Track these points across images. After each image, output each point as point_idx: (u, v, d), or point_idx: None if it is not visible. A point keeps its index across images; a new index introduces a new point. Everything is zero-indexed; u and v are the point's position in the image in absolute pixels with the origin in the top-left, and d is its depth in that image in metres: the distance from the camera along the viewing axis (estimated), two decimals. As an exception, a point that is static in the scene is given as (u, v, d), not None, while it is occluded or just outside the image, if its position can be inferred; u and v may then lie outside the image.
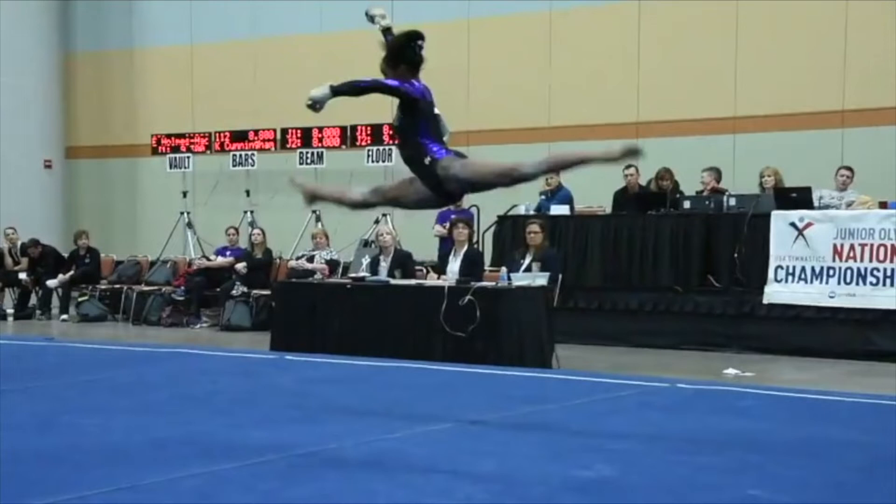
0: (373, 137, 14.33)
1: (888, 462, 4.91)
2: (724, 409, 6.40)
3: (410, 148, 5.38)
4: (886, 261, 9.52)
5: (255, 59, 15.98)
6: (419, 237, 12.67)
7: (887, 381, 8.27)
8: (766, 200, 10.34)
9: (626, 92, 13.39)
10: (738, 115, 12.62)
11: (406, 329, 9.18)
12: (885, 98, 11.76)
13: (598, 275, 11.17)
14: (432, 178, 5.25)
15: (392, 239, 10.36)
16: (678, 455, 5.01)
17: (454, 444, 5.31)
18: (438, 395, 7.10)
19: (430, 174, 5.26)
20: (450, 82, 14.57)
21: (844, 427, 5.77)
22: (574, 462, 4.88)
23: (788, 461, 4.92)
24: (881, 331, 9.52)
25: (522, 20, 14.10)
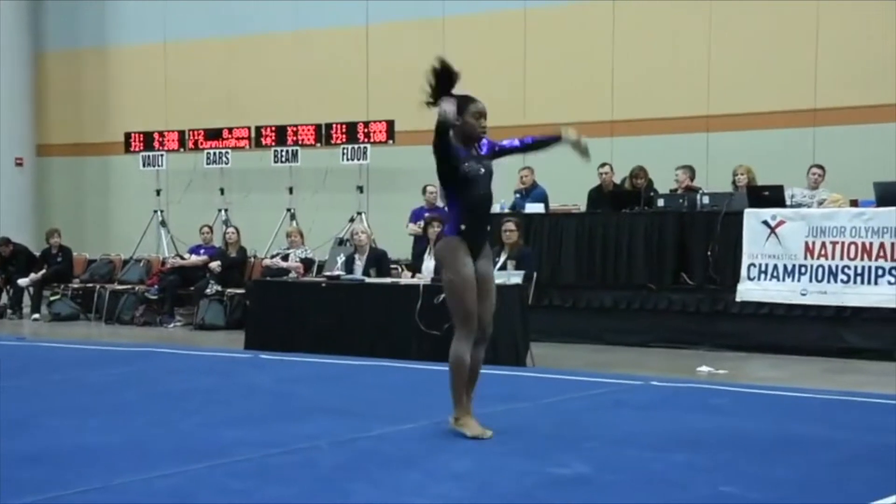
0: (347, 136, 14.29)
1: (860, 459, 4.96)
2: (698, 406, 6.44)
3: None
4: (857, 258, 9.61)
5: (229, 57, 15.91)
6: (394, 236, 12.67)
7: (859, 378, 8.35)
8: (739, 199, 10.41)
9: (600, 90, 13.44)
10: (712, 113, 12.69)
11: (381, 328, 9.18)
12: (856, 97, 11.87)
13: (572, 273, 11.20)
14: None
15: (367, 237, 10.36)
16: (652, 452, 5.04)
17: (429, 443, 5.31)
18: (413, 393, 7.10)
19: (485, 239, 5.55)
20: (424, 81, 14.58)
21: (817, 424, 5.82)
22: (549, 460, 4.89)
23: (761, 458, 4.96)
24: (852, 328, 9.60)
25: (497, 18, 14.12)
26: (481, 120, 5.48)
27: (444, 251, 5.39)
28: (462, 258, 5.29)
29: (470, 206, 5.34)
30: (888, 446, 5.17)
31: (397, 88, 14.75)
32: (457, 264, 5.28)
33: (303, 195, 14.93)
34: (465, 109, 5.46)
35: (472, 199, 5.35)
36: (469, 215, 5.34)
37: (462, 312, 5.33)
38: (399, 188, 14.66)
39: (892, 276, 9.42)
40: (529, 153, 6.15)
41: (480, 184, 5.38)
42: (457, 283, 5.28)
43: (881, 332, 9.48)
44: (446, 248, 5.37)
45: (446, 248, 5.37)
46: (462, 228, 5.32)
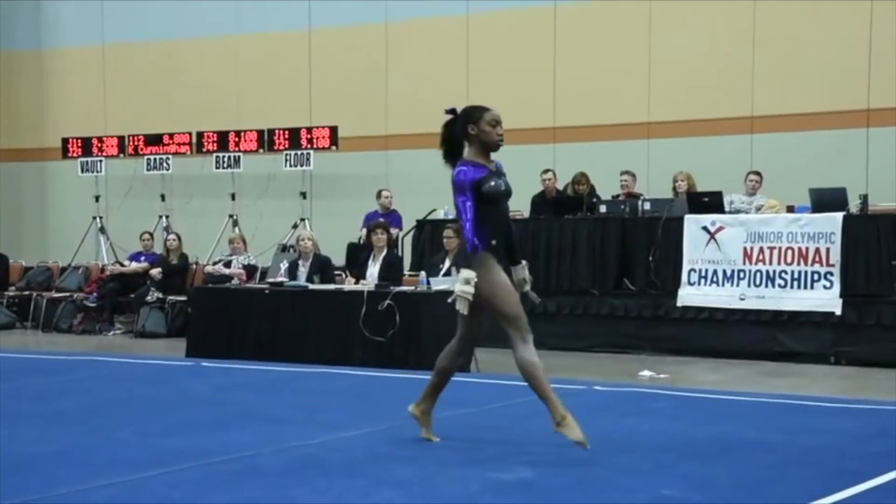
0: (290, 142, 14.21)
1: (796, 460, 5.05)
2: (639, 410, 6.51)
3: None
4: (794, 263, 9.78)
5: (170, 61, 15.73)
6: (338, 242, 12.62)
7: (795, 381, 8.50)
8: (679, 205, 10.55)
9: (542, 96, 13.53)
10: (652, 120, 12.84)
11: (325, 334, 9.14)
12: (792, 104, 12.08)
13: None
14: None
15: (312, 244, 10.30)
16: (595, 456, 5.07)
17: (373, 450, 5.30)
18: (357, 400, 7.08)
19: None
20: (368, 86, 14.59)
21: (755, 427, 5.91)
22: (493, 465, 4.91)
23: (701, 461, 5.03)
24: (789, 332, 9.77)
25: (440, 24, 14.14)
26: (497, 128, 5.42)
27: (476, 267, 5.22)
28: (494, 267, 5.29)
29: (496, 222, 5.33)
30: (823, 448, 5.27)
31: (341, 94, 14.74)
32: (491, 275, 5.25)
33: (245, 201, 14.81)
34: (481, 118, 5.41)
35: (497, 216, 5.36)
36: (496, 231, 5.32)
37: (511, 314, 5.28)
38: (343, 194, 14.62)
39: (827, 280, 9.61)
40: None
41: (503, 199, 5.41)
42: (496, 290, 5.26)
43: (816, 336, 9.66)
44: (477, 263, 5.23)
45: (477, 263, 5.23)
46: (493, 244, 5.30)
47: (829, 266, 9.59)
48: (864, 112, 11.71)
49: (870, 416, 6.29)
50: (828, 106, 11.85)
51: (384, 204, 12.80)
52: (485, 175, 5.32)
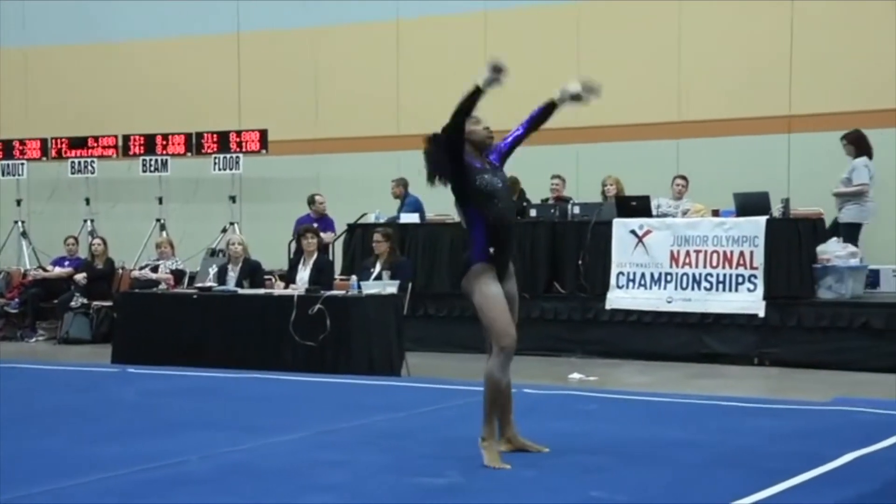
0: (219, 145, 14.07)
1: (722, 460, 5.14)
2: (569, 413, 6.57)
3: None
4: (719, 267, 9.97)
5: (95, 63, 15.45)
6: (268, 246, 12.52)
7: (721, 382, 8.66)
8: (608, 209, 10.68)
9: (475, 102, 13.57)
10: (580, 125, 12.96)
11: (255, 339, 9.06)
12: (717, 110, 12.31)
13: (447, 282, 11.26)
14: None
15: (241, 248, 10.20)
16: (525, 459, 5.11)
17: (303, 455, 5.27)
18: (287, 405, 7.03)
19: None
20: (298, 90, 14.50)
21: (681, 427, 6.01)
22: (424, 469, 4.91)
23: (629, 462, 5.09)
24: (714, 334, 9.95)
25: (371, 28, 14.12)
26: (480, 124, 5.21)
27: (470, 279, 5.00)
28: (487, 278, 4.97)
29: (494, 223, 4.96)
30: (748, 448, 5.38)
31: (270, 97, 14.63)
32: (481, 285, 4.95)
33: (173, 205, 14.62)
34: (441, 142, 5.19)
35: (495, 214, 4.96)
36: (494, 234, 4.96)
37: (496, 330, 4.98)
38: (273, 198, 14.51)
39: (751, 283, 9.81)
40: (534, 132, 5.78)
41: (500, 196, 5.01)
42: (485, 303, 4.96)
43: (741, 338, 9.85)
44: (472, 275, 4.99)
45: (472, 275, 4.99)
46: (490, 252, 4.96)
47: (752, 269, 9.79)
48: (785, 118, 11.99)
49: (792, 416, 6.43)
50: (751, 112, 12.09)
51: (318, 209, 12.73)
52: (479, 167, 5.08)
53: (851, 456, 5.02)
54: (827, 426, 5.98)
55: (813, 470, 4.75)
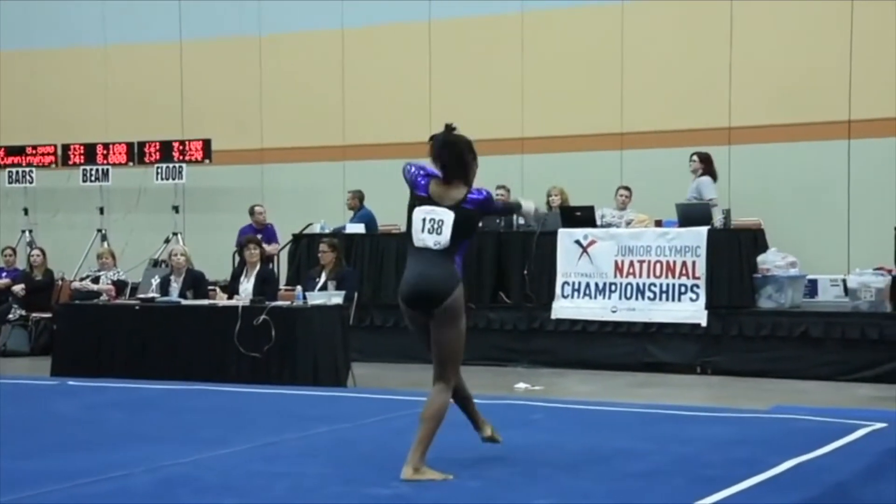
0: (162, 154, 13.92)
1: (665, 468, 5.19)
2: (515, 422, 6.58)
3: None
4: (662, 276, 10.08)
5: (34, 71, 15.20)
6: (212, 257, 12.42)
7: (664, 391, 8.75)
8: (553, 219, 10.75)
9: (418, 110, 13.59)
10: (526, 135, 13.06)
11: (198, 350, 8.97)
12: (659, 122, 12.45)
13: (394, 292, 11.21)
14: None
15: (185, 259, 10.09)
16: (470, 469, 5.12)
17: (246, 467, 5.22)
18: (232, 417, 6.96)
19: None
20: (242, 99, 14.40)
21: (626, 436, 6.06)
22: (369, 480, 4.90)
23: (574, 471, 5.12)
24: (658, 343, 10.05)
25: (315, 37, 14.07)
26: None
27: (460, 302, 5.04)
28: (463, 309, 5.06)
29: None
30: (690, 456, 5.44)
31: (214, 107, 14.50)
32: (463, 317, 5.04)
33: (115, 215, 14.43)
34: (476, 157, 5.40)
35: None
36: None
37: (457, 365, 5.12)
38: (217, 208, 14.38)
39: (693, 293, 9.93)
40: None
41: None
42: (461, 338, 5.07)
43: (683, 347, 9.97)
44: (461, 298, 5.05)
45: (461, 298, 5.05)
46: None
47: (695, 279, 9.91)
48: (725, 129, 12.17)
49: (733, 423, 6.52)
50: (692, 123, 12.25)
51: (258, 220, 12.66)
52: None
53: (791, 463, 5.10)
54: (767, 434, 6.07)
55: (753, 477, 4.82)
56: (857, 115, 11.55)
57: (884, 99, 11.43)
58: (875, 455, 5.26)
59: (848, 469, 4.97)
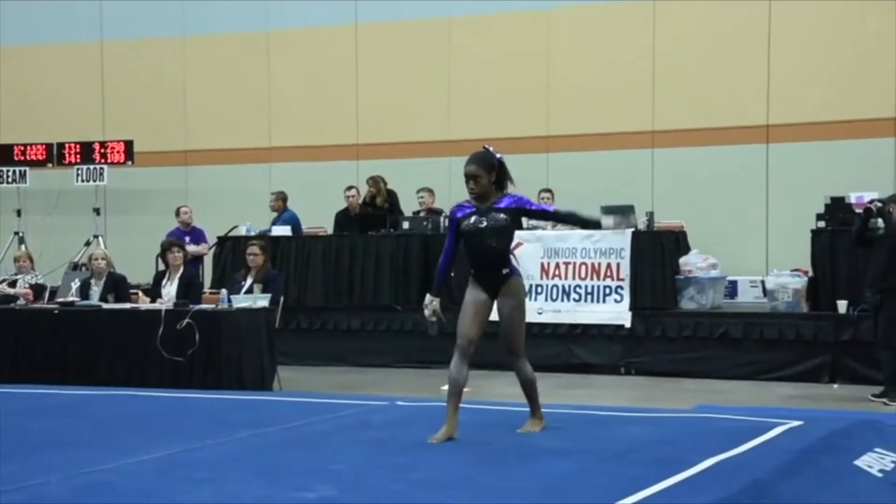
0: (82, 156, 13.67)
1: (590, 468, 5.24)
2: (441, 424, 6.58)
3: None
4: (587, 278, 10.20)
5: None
6: (134, 260, 12.22)
7: (589, 392, 8.85)
8: (479, 221, 10.77)
9: (345, 114, 13.56)
10: (453, 138, 13.09)
11: (120, 355, 8.83)
12: (585, 125, 12.58)
13: (320, 295, 11.22)
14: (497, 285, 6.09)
15: (105, 262, 9.90)
16: (397, 472, 5.11)
17: (169, 474, 5.14)
18: (154, 422, 6.85)
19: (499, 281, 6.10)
20: (165, 100, 14.20)
21: (552, 437, 6.10)
22: (294, 484, 4.86)
23: (500, 471, 5.15)
24: (583, 344, 10.17)
25: (240, 38, 13.95)
26: (469, 182, 6.02)
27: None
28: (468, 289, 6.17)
29: (469, 256, 6.10)
30: (614, 455, 5.50)
31: (136, 108, 14.28)
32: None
33: (33, 217, 14.11)
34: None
35: (469, 250, 6.05)
36: (470, 262, 6.11)
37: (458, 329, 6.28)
38: (140, 210, 14.16)
39: (618, 294, 10.07)
40: (564, 225, 7.14)
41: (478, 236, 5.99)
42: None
43: (608, 348, 10.10)
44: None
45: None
46: (472, 272, 6.15)
47: (619, 280, 10.05)
48: (649, 133, 12.36)
49: (655, 423, 6.61)
50: (616, 127, 12.42)
51: (184, 220, 12.50)
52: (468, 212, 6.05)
53: (711, 461, 5.18)
54: (688, 433, 6.17)
55: (675, 476, 4.88)
56: (775, 120, 11.83)
57: (801, 104, 11.72)
58: (791, 453, 5.38)
59: (765, 466, 5.07)
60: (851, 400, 8.41)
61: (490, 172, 6.01)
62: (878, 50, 11.43)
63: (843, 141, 11.49)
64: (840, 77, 11.61)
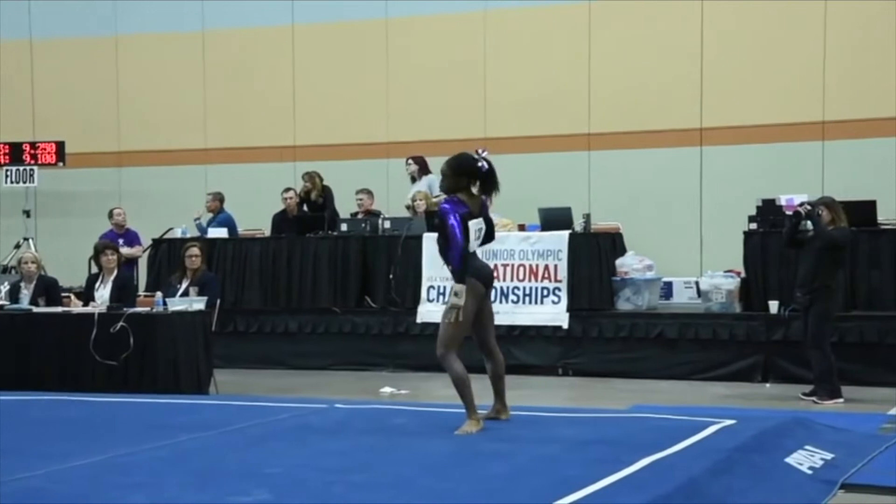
0: (11, 157, 13.43)
1: (527, 469, 5.28)
2: (380, 427, 6.58)
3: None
4: (525, 280, 10.25)
5: None
6: (66, 263, 12.01)
7: (527, 393, 8.88)
8: (418, 223, 10.80)
9: (283, 115, 13.47)
10: (391, 140, 13.09)
11: (52, 359, 8.67)
12: (519, 127, 12.63)
13: (257, 298, 11.13)
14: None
15: (36, 265, 9.70)
16: (334, 475, 5.09)
17: (103, 479, 5.06)
18: (87, 427, 6.74)
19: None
20: (97, 101, 13.97)
21: (489, 438, 6.12)
22: (230, 488, 4.82)
23: (437, 473, 5.16)
24: (521, 345, 10.22)
25: (174, 39, 13.78)
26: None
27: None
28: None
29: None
30: (551, 456, 5.54)
31: (68, 108, 14.02)
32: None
33: (-40, 219, 13.80)
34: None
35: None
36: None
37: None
38: (73, 213, 13.92)
39: (555, 295, 10.14)
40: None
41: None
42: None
43: (546, 349, 10.17)
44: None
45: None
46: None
47: (556, 282, 10.12)
48: (585, 136, 12.47)
49: (592, 423, 6.67)
50: (552, 129, 12.50)
51: (118, 222, 12.31)
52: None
53: (647, 461, 5.25)
54: (625, 433, 6.23)
55: (611, 475, 4.93)
56: (708, 123, 12.01)
57: (733, 108, 11.92)
58: (725, 451, 5.46)
59: (699, 465, 5.14)
60: (783, 399, 8.57)
61: (456, 175, 6.36)
62: (809, 54, 11.66)
63: (774, 144, 11.70)
64: (771, 81, 11.82)
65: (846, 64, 11.53)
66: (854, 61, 11.51)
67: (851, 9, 11.53)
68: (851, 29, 11.55)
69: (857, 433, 6.60)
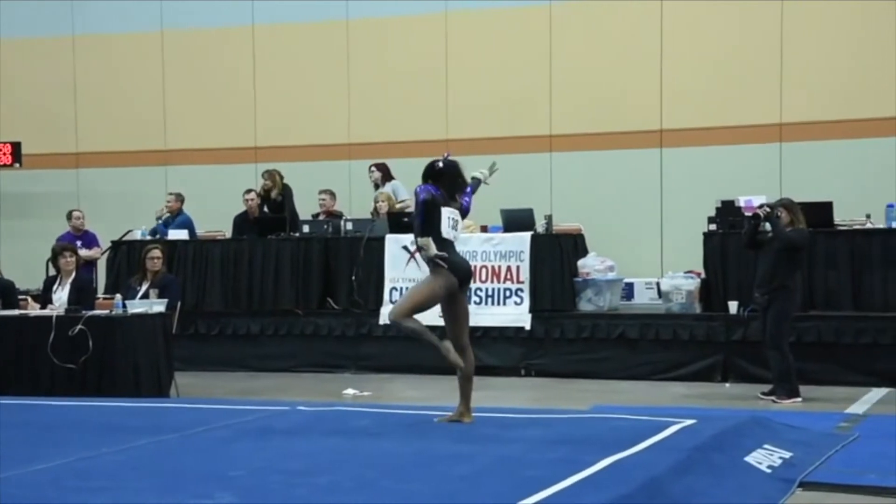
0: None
1: (489, 470, 5.29)
2: (343, 429, 6.57)
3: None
4: (488, 281, 10.28)
5: None
6: (23, 265, 11.87)
7: (489, 394, 8.90)
8: (380, 225, 10.80)
9: (243, 116, 13.40)
10: (353, 141, 13.07)
11: (8, 363, 8.56)
12: (481, 129, 12.66)
13: (218, 300, 11.07)
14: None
15: (-8, 267, 9.58)
16: (298, 477, 5.08)
17: (62, 483, 5.01)
18: (45, 432, 6.65)
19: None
20: (55, 101, 13.81)
21: (452, 439, 6.14)
22: (193, 492, 4.79)
23: (400, 475, 5.16)
24: (484, 347, 10.21)
25: (133, 39, 13.66)
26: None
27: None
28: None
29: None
30: (513, 457, 5.56)
31: (24, 108, 13.85)
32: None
33: (-87, 222, 13.60)
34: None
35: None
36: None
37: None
38: (30, 214, 13.75)
39: (517, 296, 10.18)
40: None
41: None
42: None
43: (509, 350, 10.20)
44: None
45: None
46: None
47: (519, 283, 10.16)
48: (546, 137, 12.53)
49: (554, 424, 6.70)
50: (514, 131, 12.55)
51: (76, 225, 12.18)
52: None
53: (608, 461, 5.28)
54: (586, 433, 6.27)
55: (573, 476, 4.96)
56: (668, 125, 12.12)
57: (692, 110, 12.03)
58: (685, 451, 5.51)
59: (660, 465, 5.18)
60: (742, 398, 8.67)
61: (424, 181, 6.70)
62: (767, 56, 11.79)
63: (732, 146, 11.82)
64: (730, 83, 11.94)
65: (803, 66, 11.68)
66: (811, 64, 11.66)
67: (808, 11, 11.67)
68: (808, 31, 11.71)
69: (815, 432, 6.69)
